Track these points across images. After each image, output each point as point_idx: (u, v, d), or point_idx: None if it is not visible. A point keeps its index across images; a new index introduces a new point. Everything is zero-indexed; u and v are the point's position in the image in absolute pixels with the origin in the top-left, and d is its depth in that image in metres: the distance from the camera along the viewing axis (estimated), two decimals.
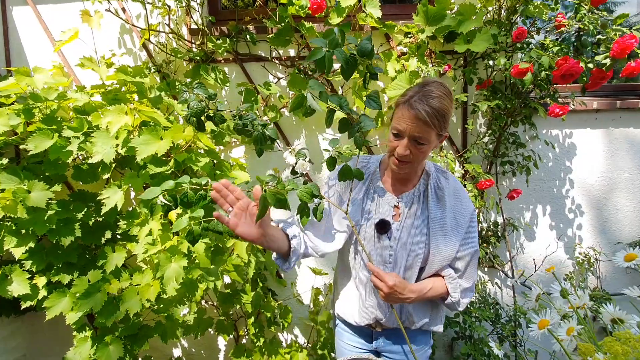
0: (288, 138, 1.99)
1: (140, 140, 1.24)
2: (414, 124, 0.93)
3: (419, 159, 1.00)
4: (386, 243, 1.08)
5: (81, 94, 1.54)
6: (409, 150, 0.97)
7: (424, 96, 0.92)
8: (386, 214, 1.08)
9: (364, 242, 1.09)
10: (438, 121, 0.93)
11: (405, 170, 1.03)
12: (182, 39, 1.88)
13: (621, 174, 2.00)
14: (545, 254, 2.03)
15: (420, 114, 0.91)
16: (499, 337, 1.89)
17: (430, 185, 1.08)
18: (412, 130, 0.94)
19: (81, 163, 1.61)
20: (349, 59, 0.84)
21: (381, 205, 1.10)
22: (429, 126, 0.92)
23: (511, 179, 1.98)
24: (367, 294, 1.12)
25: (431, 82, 0.97)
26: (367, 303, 1.13)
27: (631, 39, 1.38)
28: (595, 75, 1.49)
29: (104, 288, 1.45)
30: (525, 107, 1.72)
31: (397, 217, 1.09)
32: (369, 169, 1.14)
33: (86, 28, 1.75)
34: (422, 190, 1.10)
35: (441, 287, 1.07)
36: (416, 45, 1.76)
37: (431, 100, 0.92)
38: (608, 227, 2.03)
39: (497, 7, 1.75)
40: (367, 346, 1.21)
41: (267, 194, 0.82)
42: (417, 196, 1.09)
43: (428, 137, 0.95)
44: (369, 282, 1.09)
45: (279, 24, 1.76)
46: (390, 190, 1.11)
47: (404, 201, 1.09)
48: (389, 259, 1.08)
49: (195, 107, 0.93)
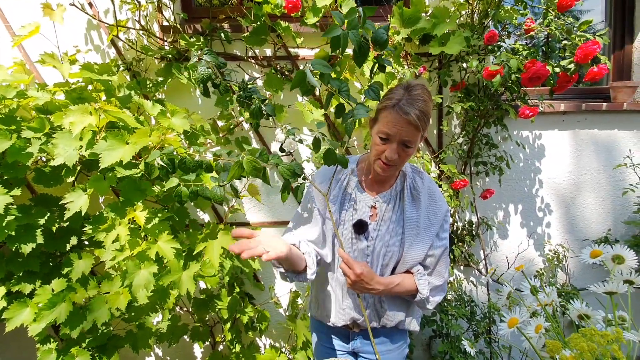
0: (265, 139, 1.96)
1: (104, 146, 1.18)
2: (405, 128, 0.94)
3: (405, 161, 1.02)
4: (363, 243, 1.08)
5: (42, 92, 1.45)
6: (397, 154, 0.98)
7: (412, 100, 0.93)
8: (364, 214, 1.09)
9: (342, 243, 1.08)
10: (425, 124, 0.95)
11: (390, 173, 1.05)
12: (154, 36, 1.81)
13: (587, 174, 2.09)
14: (517, 251, 2.09)
15: (412, 118, 0.91)
16: (475, 334, 1.93)
17: (406, 185, 1.09)
18: (402, 135, 0.95)
19: (43, 165, 1.52)
20: (363, 44, 0.81)
21: (358, 205, 1.10)
22: (419, 130, 0.94)
23: (485, 179, 2.03)
24: (343, 295, 1.12)
25: (415, 84, 0.97)
26: (344, 304, 1.12)
27: (594, 45, 1.44)
28: (562, 79, 1.54)
29: (69, 297, 1.37)
30: (497, 109, 1.77)
31: (374, 217, 1.09)
32: (346, 170, 1.13)
33: (50, 22, 1.66)
34: (399, 190, 1.11)
35: (410, 284, 1.07)
36: (392, 46, 1.77)
37: (419, 104, 0.92)
38: (575, 224, 2.12)
39: (470, 11, 1.79)
40: (344, 347, 1.21)
41: (245, 161, 0.83)
42: (394, 196, 1.10)
43: (415, 140, 0.97)
44: (345, 282, 1.08)
45: (254, 22, 1.73)
46: (368, 191, 1.11)
47: (381, 201, 1.09)
48: (366, 258, 1.09)
49: (203, 73, 0.90)
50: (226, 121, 1.88)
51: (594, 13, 2.25)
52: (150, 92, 1.80)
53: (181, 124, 1.57)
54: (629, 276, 0.73)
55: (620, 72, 2.19)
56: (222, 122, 1.90)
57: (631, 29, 2.15)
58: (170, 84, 1.85)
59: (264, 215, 2.02)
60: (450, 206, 1.82)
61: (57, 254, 1.61)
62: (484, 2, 1.69)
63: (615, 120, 2.05)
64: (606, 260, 0.76)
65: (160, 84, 1.80)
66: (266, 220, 2.03)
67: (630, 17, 2.15)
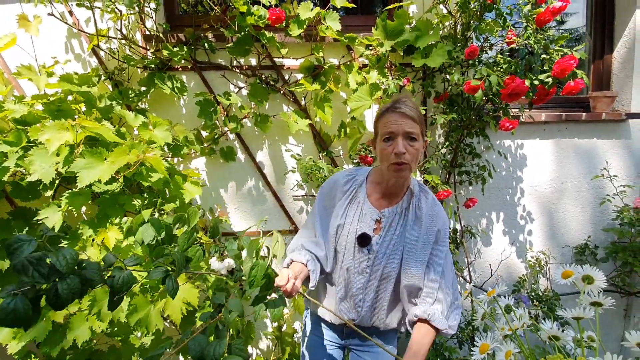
0: (250, 149, 1.95)
1: (82, 164, 1.16)
2: (403, 121, 1.02)
3: (414, 159, 1.05)
4: (365, 255, 1.12)
5: (20, 104, 1.42)
6: (405, 147, 1.02)
7: (401, 101, 1.05)
8: (368, 226, 1.12)
9: (344, 252, 1.15)
10: (420, 119, 1.04)
11: (405, 175, 1.07)
12: (136, 45, 1.79)
13: (568, 182, 2.13)
14: (500, 258, 2.13)
15: (406, 110, 1.02)
16: (459, 341, 1.95)
17: (412, 203, 1.12)
18: (403, 127, 1.02)
19: (21, 179, 1.49)
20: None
21: (364, 218, 1.13)
22: (415, 121, 1.03)
23: (468, 188, 2.06)
24: (342, 298, 1.17)
25: (402, 95, 1.10)
26: (341, 306, 1.18)
27: (570, 59, 1.47)
28: (540, 92, 1.57)
29: (48, 316, 1.35)
30: (479, 121, 1.79)
31: (377, 230, 1.12)
32: (356, 182, 1.18)
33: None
34: (405, 207, 1.13)
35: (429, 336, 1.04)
36: (376, 57, 1.78)
37: (409, 102, 1.05)
38: (556, 231, 2.16)
39: (454, 23, 1.81)
40: (337, 341, 1.26)
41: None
42: (399, 212, 1.12)
43: (418, 133, 1.03)
44: (344, 287, 1.15)
45: (238, 33, 1.72)
46: (375, 204, 1.14)
47: (386, 216, 1.12)
48: (366, 269, 1.12)
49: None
50: (210, 131, 1.87)
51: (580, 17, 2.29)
52: (133, 102, 1.77)
53: (163, 136, 1.56)
54: (597, 298, 0.75)
55: (599, 82, 2.24)
56: (206, 132, 1.88)
57: (611, 40, 2.20)
58: (153, 94, 1.83)
59: (251, 224, 2.02)
60: None
61: None
62: (466, 15, 1.71)
63: (594, 129, 2.10)
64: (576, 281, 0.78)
65: (143, 93, 1.78)
66: (253, 230, 2.02)
67: (610, 28, 2.20)
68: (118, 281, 0.74)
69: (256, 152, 1.97)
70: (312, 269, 1.08)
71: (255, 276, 0.86)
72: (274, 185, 1.99)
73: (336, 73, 1.85)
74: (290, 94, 1.91)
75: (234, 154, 1.93)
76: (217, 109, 1.82)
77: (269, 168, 1.98)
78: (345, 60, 1.90)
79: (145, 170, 1.36)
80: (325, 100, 1.81)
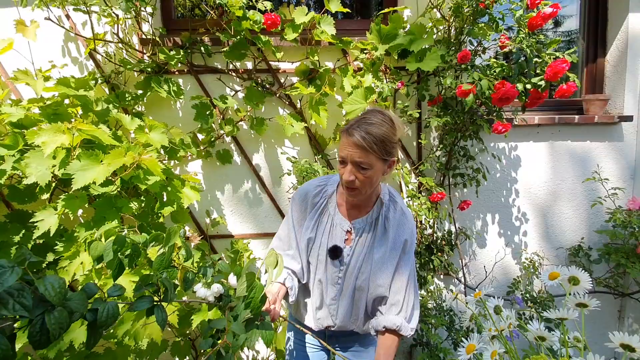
0: (247, 152, 1.96)
1: (78, 166, 1.17)
2: (353, 150, 0.97)
3: (366, 184, 1.02)
4: (337, 267, 1.13)
5: (16, 108, 1.44)
6: (354, 175, 0.99)
7: (361, 123, 0.98)
8: (339, 238, 1.12)
9: (316, 264, 1.15)
10: (377, 146, 0.96)
11: (356, 197, 1.06)
12: (133, 49, 1.80)
13: (561, 184, 2.15)
14: (495, 260, 2.14)
15: (357, 139, 0.95)
16: (454, 342, 1.96)
17: (381, 214, 1.12)
18: (352, 156, 0.97)
19: (17, 182, 1.50)
20: None
21: (335, 229, 1.13)
22: (368, 151, 0.96)
23: (462, 190, 2.08)
24: (318, 307, 1.18)
25: (371, 110, 1.03)
26: (318, 315, 1.19)
27: (562, 63, 1.49)
28: (533, 96, 1.59)
29: None
30: (473, 124, 1.81)
31: (349, 241, 1.13)
32: (326, 193, 1.17)
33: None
34: (375, 218, 1.13)
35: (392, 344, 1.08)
36: (371, 61, 1.80)
37: (368, 126, 0.96)
38: (551, 233, 2.18)
39: (447, 27, 1.83)
40: (321, 344, 1.27)
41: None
42: (370, 223, 1.13)
43: (369, 162, 0.98)
44: (319, 297, 1.16)
45: (234, 37, 1.74)
46: (345, 215, 1.14)
47: (356, 227, 1.12)
48: (338, 280, 1.13)
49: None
50: (207, 134, 1.88)
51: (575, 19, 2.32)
52: (130, 105, 1.79)
53: (160, 139, 1.57)
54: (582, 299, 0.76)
55: (592, 85, 2.27)
56: (202, 135, 1.90)
57: (604, 43, 2.23)
58: (149, 97, 1.84)
59: (247, 227, 2.03)
60: (429, 217, 1.86)
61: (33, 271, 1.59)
62: (459, 20, 1.73)
63: (587, 132, 2.12)
64: (563, 282, 0.80)
65: (140, 96, 1.79)
66: (249, 232, 2.03)
67: (602, 32, 2.22)
68: (102, 314, 0.65)
69: (252, 155, 1.98)
70: (289, 285, 1.10)
71: (253, 298, 0.79)
72: (270, 187, 2.00)
73: (331, 76, 1.87)
74: (286, 97, 1.93)
75: (230, 156, 1.94)
76: (213, 112, 1.84)
77: (265, 171, 2.00)
78: (340, 64, 1.92)
79: (143, 173, 1.37)
80: (320, 103, 1.83)
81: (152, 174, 1.39)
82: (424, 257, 2.02)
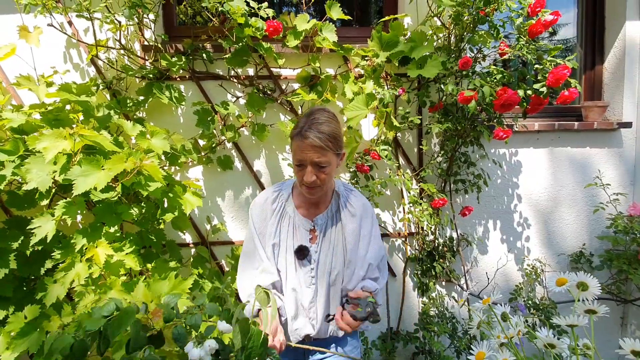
0: (248, 158, 1.96)
1: (79, 172, 1.16)
2: (311, 151, 1.00)
3: (326, 181, 1.06)
4: (307, 267, 1.13)
5: (17, 113, 1.43)
6: (315, 175, 1.03)
7: (312, 124, 1.00)
8: (303, 238, 1.13)
9: (286, 269, 1.14)
10: (332, 143, 1.01)
11: (318, 194, 1.10)
12: (134, 55, 1.80)
13: (562, 190, 2.15)
14: (497, 266, 2.13)
15: (314, 140, 0.98)
16: (456, 350, 1.94)
17: (341, 204, 1.15)
18: (311, 157, 1.00)
19: (17, 188, 1.48)
20: None
21: (297, 231, 1.14)
22: (325, 149, 1.00)
23: (464, 196, 2.07)
24: (293, 317, 1.16)
25: (316, 110, 1.06)
26: (294, 325, 1.16)
27: (564, 69, 1.50)
28: (534, 102, 1.60)
29: (42, 326, 1.33)
30: (474, 130, 1.81)
31: (314, 239, 1.14)
32: (282, 197, 1.18)
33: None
34: (335, 210, 1.16)
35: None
36: (372, 68, 1.81)
37: (319, 126, 0.99)
38: (553, 239, 2.18)
39: (447, 35, 1.85)
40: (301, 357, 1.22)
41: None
42: (331, 217, 1.15)
43: (328, 160, 1.02)
44: (293, 306, 1.14)
45: (236, 44, 1.74)
46: (305, 215, 1.16)
47: (319, 224, 1.14)
48: (312, 280, 1.13)
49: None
50: (208, 140, 1.88)
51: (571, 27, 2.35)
52: (131, 112, 1.78)
53: (161, 145, 1.56)
54: (591, 305, 0.75)
55: (591, 92, 2.29)
56: (203, 141, 1.89)
57: (601, 50, 2.25)
58: (151, 103, 1.84)
59: None
60: (431, 223, 1.85)
61: (31, 278, 1.56)
62: (459, 27, 1.74)
63: (587, 138, 2.13)
64: (571, 288, 0.79)
65: (141, 103, 1.79)
66: None
67: (600, 39, 2.25)
68: None
69: (253, 161, 1.97)
70: (279, 305, 1.10)
71: (252, 347, 0.71)
72: None
73: (332, 83, 1.88)
74: (287, 103, 1.93)
75: (231, 162, 1.94)
76: (214, 118, 1.84)
77: (266, 177, 1.99)
78: (341, 71, 1.93)
79: (144, 179, 1.36)
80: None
81: (154, 180, 1.38)
82: (426, 264, 2.00)
